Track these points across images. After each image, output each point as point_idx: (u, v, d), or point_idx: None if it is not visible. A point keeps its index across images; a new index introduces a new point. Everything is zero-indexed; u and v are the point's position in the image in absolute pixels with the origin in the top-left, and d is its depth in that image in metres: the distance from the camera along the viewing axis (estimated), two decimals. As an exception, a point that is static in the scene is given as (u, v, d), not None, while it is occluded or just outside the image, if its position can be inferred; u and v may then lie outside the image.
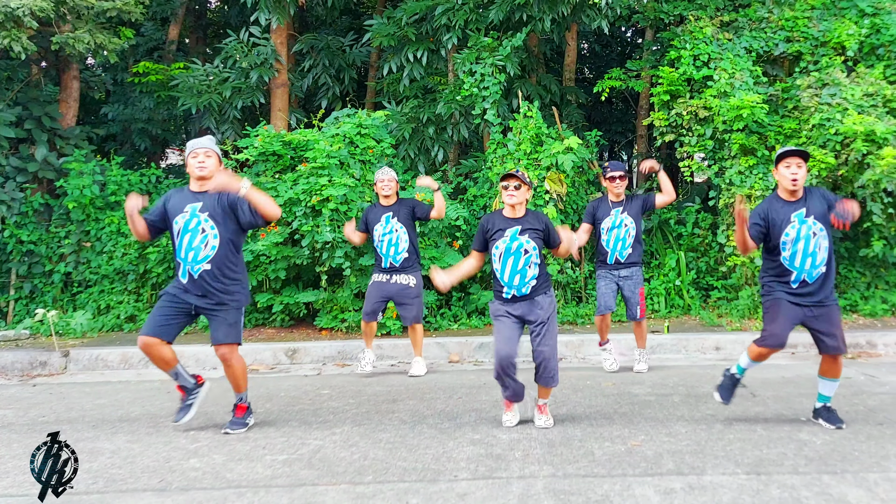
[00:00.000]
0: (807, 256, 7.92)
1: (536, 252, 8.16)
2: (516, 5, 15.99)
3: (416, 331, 11.67)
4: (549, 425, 8.24)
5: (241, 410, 8.55)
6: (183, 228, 8.15)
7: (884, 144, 13.34)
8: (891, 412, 8.56)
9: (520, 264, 8.08)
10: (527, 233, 8.13)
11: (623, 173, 11.35)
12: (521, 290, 8.12)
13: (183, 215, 8.19)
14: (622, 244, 11.25)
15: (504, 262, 8.11)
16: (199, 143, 8.35)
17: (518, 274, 8.09)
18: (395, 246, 11.35)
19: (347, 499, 6.05)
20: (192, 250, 8.12)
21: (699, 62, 15.59)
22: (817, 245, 7.92)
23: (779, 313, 8.06)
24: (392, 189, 11.50)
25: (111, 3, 15.52)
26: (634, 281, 11.33)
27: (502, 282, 8.17)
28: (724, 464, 6.72)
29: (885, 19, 15.24)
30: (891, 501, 5.76)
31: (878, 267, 15.62)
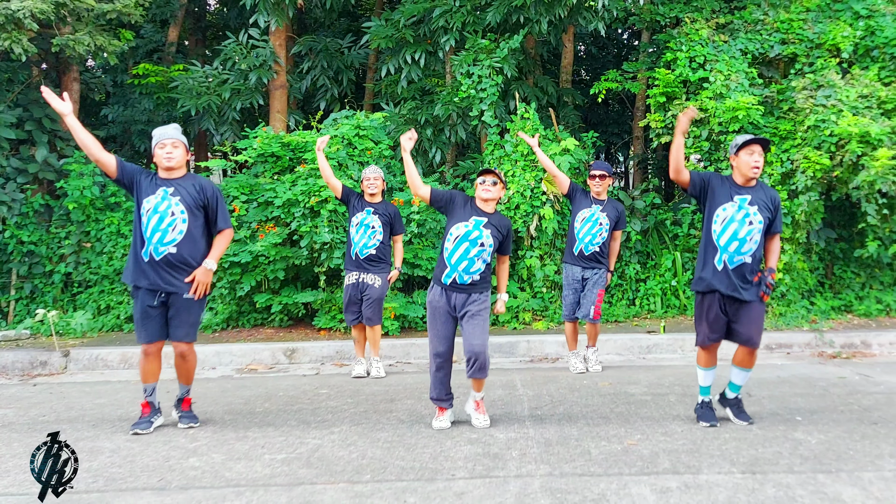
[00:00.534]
0: (733, 239, 7.98)
1: (490, 250, 8.24)
2: (513, 7, 15.99)
3: (374, 331, 11.61)
4: (486, 424, 8.29)
5: (188, 403, 8.76)
6: (153, 209, 8.19)
7: (878, 146, 13.36)
8: (885, 411, 8.57)
9: (471, 253, 8.11)
10: (490, 228, 8.18)
11: (604, 173, 11.44)
12: (462, 277, 8.16)
13: (155, 196, 8.25)
14: (591, 238, 11.33)
15: (457, 245, 8.14)
16: (167, 134, 8.45)
17: (466, 261, 8.12)
18: (366, 237, 11.31)
19: (346, 497, 6.04)
20: (159, 231, 8.18)
21: (695, 64, 15.61)
22: (749, 235, 7.96)
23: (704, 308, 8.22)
24: (378, 188, 11.48)
25: (111, 6, 15.51)
26: (594, 282, 11.40)
27: (448, 263, 8.19)
28: (720, 463, 6.72)
29: (880, 21, 15.27)
30: (885, 500, 5.77)
31: (873, 267, 15.66)
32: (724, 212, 8.06)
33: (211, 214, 8.49)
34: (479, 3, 16.70)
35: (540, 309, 15.24)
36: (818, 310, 14.71)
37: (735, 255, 7.96)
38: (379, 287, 11.42)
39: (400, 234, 11.67)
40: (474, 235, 8.11)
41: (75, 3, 14.87)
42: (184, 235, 8.25)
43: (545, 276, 15.25)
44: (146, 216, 8.21)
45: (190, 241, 8.31)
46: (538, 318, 14.99)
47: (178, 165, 8.41)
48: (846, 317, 14.75)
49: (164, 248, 8.17)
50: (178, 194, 8.29)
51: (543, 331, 14.23)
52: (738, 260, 7.97)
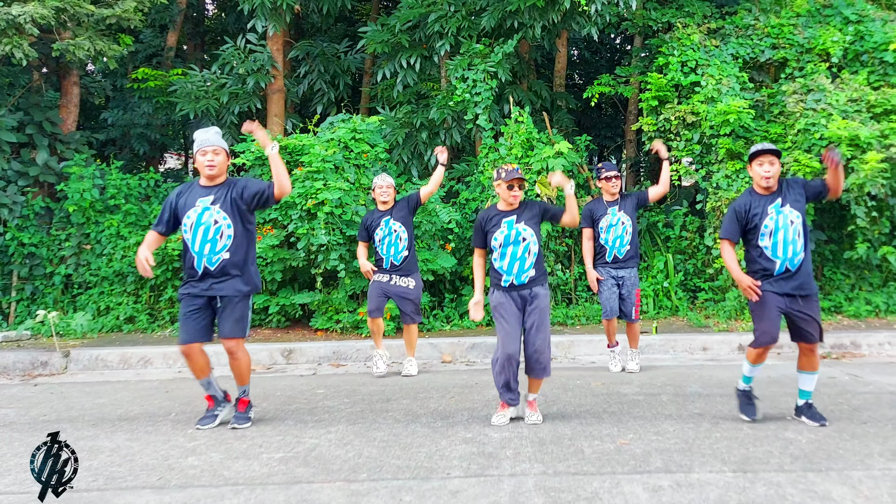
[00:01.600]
0: (787, 245, 7.99)
1: (534, 239, 8.27)
2: (508, 13, 16.02)
3: (410, 331, 11.69)
4: (539, 421, 8.29)
5: (244, 405, 8.63)
6: (196, 222, 8.20)
7: (867, 149, 13.37)
8: (874, 411, 8.58)
9: (519, 251, 8.19)
10: (523, 220, 8.25)
11: (617, 173, 11.43)
12: (519, 277, 8.21)
13: (195, 209, 8.24)
14: (620, 241, 11.34)
15: (504, 251, 8.22)
16: (208, 141, 8.32)
17: (517, 261, 8.20)
18: (394, 246, 11.39)
19: (342, 496, 6.04)
20: (209, 242, 8.20)
21: (687, 68, 15.63)
22: (796, 232, 8.00)
23: (765, 310, 8.12)
24: (390, 196, 11.52)
25: (111, 11, 15.51)
26: (632, 282, 11.42)
27: (501, 270, 8.26)
28: (712, 462, 6.72)
29: (869, 26, 15.30)
30: (874, 498, 5.77)
31: (862, 269, 15.67)
32: (766, 229, 8.08)
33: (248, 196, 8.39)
34: (473, 8, 16.73)
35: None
36: (808, 311, 14.70)
37: (794, 258, 7.99)
38: (415, 287, 11.57)
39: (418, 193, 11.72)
40: (514, 236, 8.21)
41: (75, 8, 14.88)
42: (233, 240, 8.29)
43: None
44: (190, 232, 8.24)
45: (240, 244, 8.36)
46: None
47: (220, 173, 8.38)
48: (836, 318, 14.75)
49: (217, 257, 8.23)
50: (217, 202, 8.28)
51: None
52: (797, 261, 8.00)
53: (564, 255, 16.03)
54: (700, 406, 8.90)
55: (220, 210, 8.24)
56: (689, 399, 9.26)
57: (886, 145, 13.54)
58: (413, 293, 11.53)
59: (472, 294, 14.94)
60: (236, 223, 8.32)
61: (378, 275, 11.57)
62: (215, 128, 8.68)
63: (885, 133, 13.62)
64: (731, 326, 14.00)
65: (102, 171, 16.44)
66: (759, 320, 8.20)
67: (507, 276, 8.23)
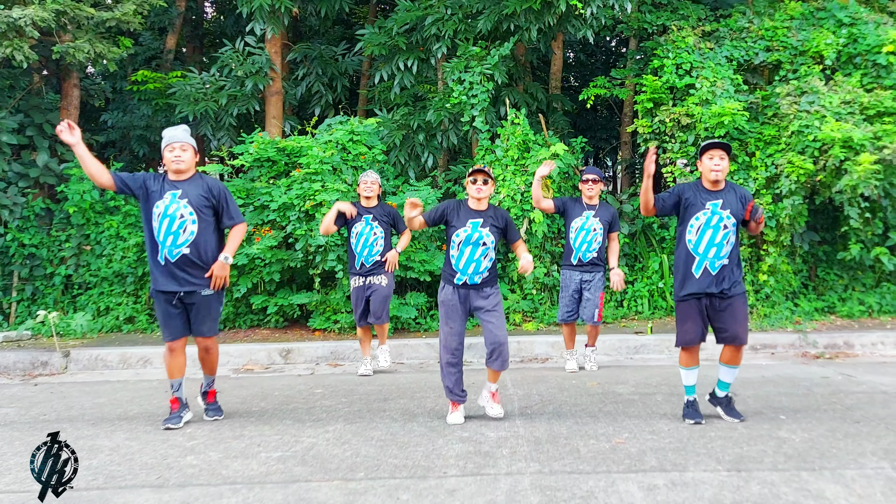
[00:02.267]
0: (711, 246, 8.05)
1: (493, 245, 8.39)
2: (504, 16, 16.01)
3: (382, 328, 11.82)
4: (501, 414, 8.42)
5: (213, 395, 8.97)
6: (163, 213, 8.28)
7: (861, 151, 13.38)
8: (867, 411, 8.58)
9: (476, 254, 8.31)
10: (488, 226, 8.35)
11: (597, 177, 11.45)
12: (472, 278, 8.35)
13: (163, 200, 8.32)
14: (587, 246, 11.40)
15: (462, 251, 8.33)
16: (176, 137, 8.43)
17: (473, 263, 8.32)
18: (369, 247, 11.43)
19: (340, 495, 6.04)
20: (171, 234, 8.28)
21: (681, 71, 15.64)
22: (725, 238, 8.03)
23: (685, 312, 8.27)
24: (374, 191, 11.55)
25: (110, 14, 15.52)
26: (596, 285, 11.45)
27: (456, 268, 8.38)
28: (706, 461, 6.72)
29: (862, 29, 15.30)
30: (867, 497, 5.77)
31: (856, 270, 15.70)
32: (697, 221, 8.12)
33: (220, 212, 8.54)
34: (470, 11, 16.74)
35: (530, 310, 15.24)
36: (802, 311, 14.73)
37: (715, 261, 8.02)
38: (386, 285, 11.55)
39: (404, 230, 11.66)
40: (475, 238, 8.28)
41: (75, 11, 14.89)
42: (195, 236, 8.35)
43: (535, 278, 15.24)
44: (157, 220, 8.30)
45: (202, 240, 8.41)
46: (528, 319, 15.00)
47: (187, 168, 8.46)
48: (829, 318, 14.78)
49: (177, 250, 8.29)
50: (185, 196, 8.35)
51: (533, 331, 14.24)
52: (718, 265, 8.02)
53: (560, 255, 16.01)
54: (694, 405, 8.89)
55: (186, 205, 8.34)
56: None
57: (879, 147, 13.56)
58: (384, 290, 11.52)
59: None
60: (201, 220, 8.41)
61: (354, 278, 11.64)
62: (183, 125, 8.76)
63: (878, 135, 13.64)
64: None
65: (102, 172, 16.37)
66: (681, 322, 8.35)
67: (462, 275, 8.36)
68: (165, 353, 8.60)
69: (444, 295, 8.50)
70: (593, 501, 5.75)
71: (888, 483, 6.08)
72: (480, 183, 8.36)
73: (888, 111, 14.10)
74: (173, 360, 8.56)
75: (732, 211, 8.05)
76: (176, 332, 8.46)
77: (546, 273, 15.37)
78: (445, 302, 8.46)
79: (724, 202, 8.07)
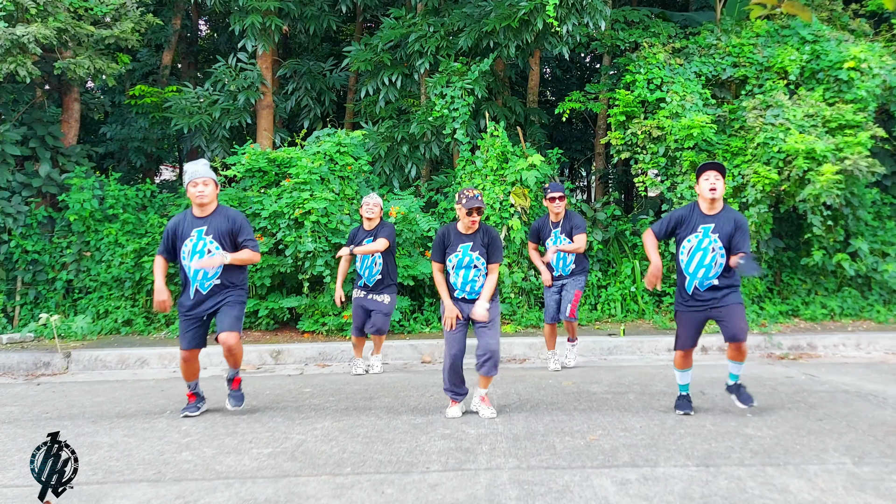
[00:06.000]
0: (700, 267, 8.16)
1: (484, 266, 8.45)
2: (484, 33, 16.07)
3: (380, 339, 11.92)
4: (493, 415, 8.43)
5: (237, 382, 9.08)
6: (192, 251, 8.47)
7: (823, 161, 13.45)
8: (829, 409, 8.62)
9: (470, 275, 8.40)
10: (477, 250, 8.41)
11: (562, 194, 11.48)
12: (470, 294, 8.44)
13: (191, 239, 8.51)
14: (563, 262, 11.50)
15: (457, 272, 8.42)
16: (198, 173, 8.53)
17: (469, 283, 8.42)
18: (369, 269, 11.55)
19: (328, 489, 6.05)
20: (202, 270, 8.43)
21: (652, 85, 15.69)
22: (713, 261, 8.11)
23: (681, 320, 8.44)
24: (375, 213, 11.58)
25: (109, 32, 15.51)
26: (572, 284, 11.48)
27: (455, 286, 8.49)
28: (676, 457, 6.76)
29: (825, 46, 15.35)
30: (829, 491, 5.80)
31: (818, 275, 15.74)
32: (688, 243, 8.23)
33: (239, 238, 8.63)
34: (451, 28, 16.81)
35: (508, 313, 15.23)
36: (767, 314, 14.76)
37: (704, 280, 8.14)
38: (388, 304, 11.65)
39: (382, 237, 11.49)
40: (466, 261, 8.37)
41: (76, 29, 14.88)
42: (224, 268, 8.54)
43: (513, 282, 15.23)
44: (186, 259, 8.52)
45: (230, 270, 8.62)
46: (506, 321, 14.98)
47: (210, 201, 8.63)
48: (793, 321, 14.80)
49: (209, 283, 8.53)
50: (210, 232, 8.53)
51: (512, 333, 14.22)
52: (707, 283, 8.14)
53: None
54: (665, 404, 8.93)
55: (213, 240, 8.50)
56: (654, 397, 9.29)
57: (841, 158, 13.61)
58: (386, 308, 11.63)
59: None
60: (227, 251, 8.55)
61: (356, 290, 11.76)
62: (203, 160, 8.91)
63: (839, 146, 13.68)
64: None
65: (102, 182, 16.39)
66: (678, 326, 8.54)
67: (460, 292, 8.47)
68: (181, 360, 8.78)
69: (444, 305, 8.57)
70: (569, 495, 5.77)
71: (849, 478, 6.11)
72: (475, 215, 8.35)
73: (849, 124, 14.15)
74: (187, 366, 8.83)
75: (721, 235, 8.09)
76: (192, 343, 8.68)
77: (524, 278, 15.36)
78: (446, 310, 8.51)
79: (715, 226, 8.13)
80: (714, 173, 8.13)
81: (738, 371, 8.47)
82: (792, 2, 4.82)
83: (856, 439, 7.30)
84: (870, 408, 8.67)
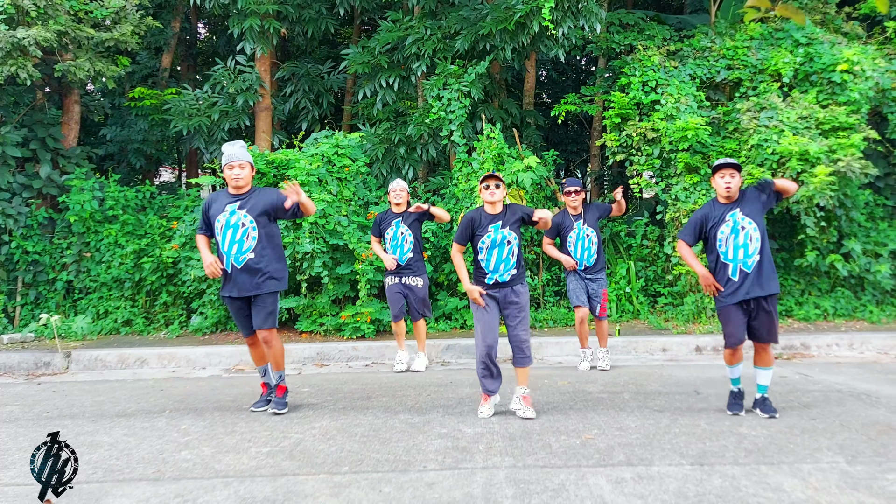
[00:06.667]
0: (738, 248, 8.16)
1: (516, 241, 8.44)
2: (480, 36, 16.09)
3: (418, 327, 11.96)
4: (533, 416, 8.33)
5: (282, 390, 9.01)
6: (225, 225, 8.56)
7: (816, 163, 13.47)
8: (823, 408, 8.61)
9: (504, 253, 8.35)
10: (508, 226, 8.41)
11: (579, 188, 11.55)
12: (503, 276, 8.38)
13: (224, 214, 8.59)
14: (587, 253, 11.47)
15: (490, 253, 8.37)
16: (234, 156, 8.63)
17: (503, 262, 8.36)
18: (400, 248, 11.60)
19: (325, 487, 6.04)
20: (236, 243, 8.54)
21: (647, 88, 15.72)
22: (748, 236, 8.14)
23: (729, 316, 8.31)
24: (403, 198, 11.75)
25: (109, 34, 15.53)
26: (599, 284, 11.50)
27: (487, 270, 8.41)
28: (671, 455, 6.74)
29: (818, 49, 15.36)
30: (823, 490, 5.79)
31: (812, 275, 15.73)
32: (722, 234, 8.28)
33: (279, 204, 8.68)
34: (448, 31, 16.81)
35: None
36: (761, 314, 14.75)
37: (747, 259, 8.13)
38: (422, 286, 11.75)
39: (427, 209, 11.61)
40: (499, 239, 8.36)
41: (76, 31, 14.90)
42: (258, 241, 8.59)
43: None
44: (220, 233, 8.61)
45: (265, 245, 8.67)
46: (504, 321, 14.98)
47: (245, 184, 8.71)
48: (787, 321, 14.79)
49: (243, 256, 8.55)
50: (244, 206, 8.59)
51: (508, 333, 14.22)
52: (751, 263, 8.13)
53: (533, 262, 16.04)
54: (660, 403, 8.93)
55: (246, 214, 8.56)
56: (649, 397, 9.28)
57: (834, 160, 13.63)
58: (421, 291, 11.71)
59: (446, 298, 15.02)
60: (261, 227, 8.61)
61: (388, 276, 11.79)
62: (240, 142, 8.93)
63: (832, 148, 13.70)
64: (688, 329, 14.05)
65: (101, 183, 16.43)
66: (725, 324, 8.41)
67: (492, 275, 8.37)
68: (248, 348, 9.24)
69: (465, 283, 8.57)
70: (564, 494, 5.77)
71: (843, 476, 6.11)
72: (493, 187, 8.43)
73: (842, 126, 14.15)
74: (253, 351, 9.15)
75: (749, 212, 8.21)
76: (248, 330, 8.96)
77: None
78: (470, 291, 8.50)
79: (741, 209, 8.25)
80: (729, 171, 8.24)
81: (767, 381, 8.39)
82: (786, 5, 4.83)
83: (849, 438, 7.30)
84: (863, 407, 8.67)
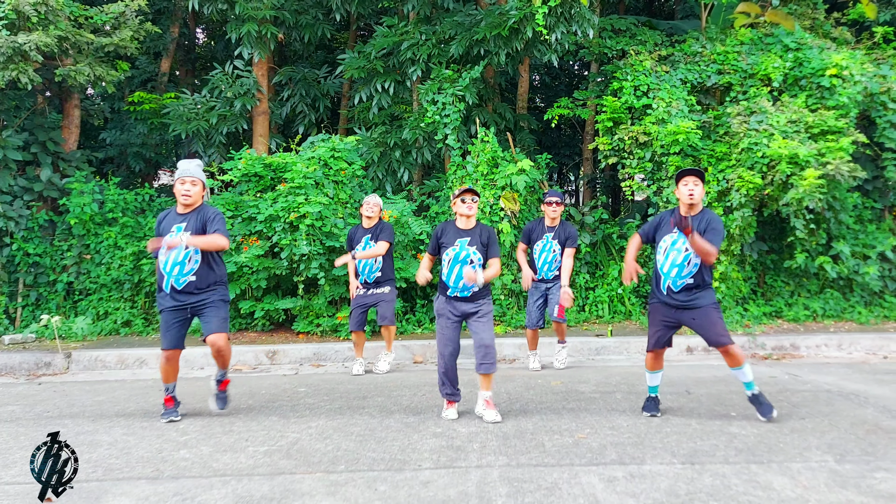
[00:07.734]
0: (673, 266, 8.13)
1: (481, 262, 8.39)
2: (474, 41, 16.09)
3: (388, 331, 11.83)
4: (498, 419, 8.26)
5: (225, 384, 9.04)
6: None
7: (806, 166, 13.48)
8: (812, 408, 8.64)
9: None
10: (475, 245, 8.37)
11: (559, 200, 11.50)
12: (462, 291, 8.36)
13: (170, 234, 8.39)
14: (549, 266, 11.50)
15: (451, 268, 8.34)
16: (188, 171, 8.49)
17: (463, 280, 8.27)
18: (369, 266, 11.58)
19: (322, 486, 6.05)
20: (178, 265, 8.35)
21: (639, 92, 15.71)
22: (686, 260, 8.06)
23: (654, 321, 8.45)
24: (375, 213, 11.69)
25: (109, 40, 15.51)
26: (557, 288, 11.44)
27: (447, 283, 8.40)
28: (662, 454, 6.77)
29: (807, 53, 15.39)
30: (812, 488, 5.81)
31: (801, 277, 15.75)
32: (664, 243, 8.24)
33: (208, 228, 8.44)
34: (443, 37, 16.83)
35: (498, 315, 15.22)
36: (751, 315, 14.77)
37: (678, 280, 8.09)
38: (389, 293, 11.74)
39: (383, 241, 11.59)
40: (462, 255, 8.31)
41: (76, 36, 14.88)
42: (199, 264, 8.45)
43: (503, 284, 15.25)
44: (164, 254, 8.40)
45: (206, 267, 8.53)
46: (497, 322, 14.96)
47: (194, 202, 8.56)
48: (777, 322, 14.81)
49: (184, 279, 8.40)
50: (189, 228, 8.43)
51: (501, 334, 14.20)
52: (680, 283, 8.09)
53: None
54: (651, 402, 8.92)
55: (190, 236, 8.37)
56: (641, 397, 9.27)
57: (823, 163, 13.62)
58: (388, 296, 11.68)
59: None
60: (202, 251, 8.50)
61: (359, 288, 11.76)
62: (197, 160, 8.81)
63: (822, 152, 13.69)
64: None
65: (101, 186, 16.39)
66: (649, 326, 8.55)
67: (453, 290, 8.37)
68: (161, 360, 8.61)
69: (438, 304, 8.55)
70: (557, 492, 5.78)
71: (831, 475, 6.13)
72: (470, 202, 8.39)
73: (831, 130, 14.17)
74: (168, 367, 8.64)
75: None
76: (172, 343, 8.53)
77: (513, 280, 15.35)
78: (439, 310, 8.51)
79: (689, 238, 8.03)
80: (693, 178, 8.10)
81: (748, 378, 8.17)
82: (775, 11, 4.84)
83: (838, 437, 7.32)
84: (851, 407, 8.70)
